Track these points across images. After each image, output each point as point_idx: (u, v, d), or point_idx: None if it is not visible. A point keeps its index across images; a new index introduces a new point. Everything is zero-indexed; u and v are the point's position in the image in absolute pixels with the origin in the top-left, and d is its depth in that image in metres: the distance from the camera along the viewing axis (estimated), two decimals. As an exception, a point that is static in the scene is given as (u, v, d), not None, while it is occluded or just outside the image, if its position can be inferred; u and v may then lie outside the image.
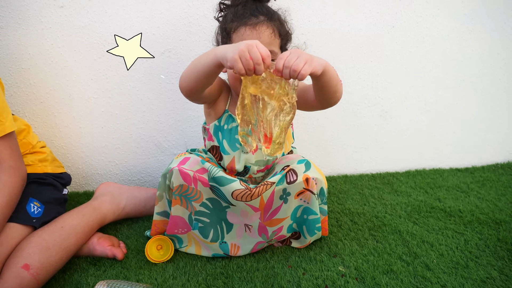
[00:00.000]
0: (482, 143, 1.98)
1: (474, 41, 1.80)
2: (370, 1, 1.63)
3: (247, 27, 1.08)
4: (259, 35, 1.07)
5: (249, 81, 0.93)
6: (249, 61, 0.86)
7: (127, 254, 1.18)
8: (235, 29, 1.10)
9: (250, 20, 1.08)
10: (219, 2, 1.19)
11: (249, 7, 1.11)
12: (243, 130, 0.97)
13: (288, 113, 0.95)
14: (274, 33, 1.11)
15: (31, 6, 1.39)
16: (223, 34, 1.15)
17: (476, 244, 1.22)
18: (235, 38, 1.10)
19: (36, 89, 1.47)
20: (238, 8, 1.12)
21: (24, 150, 1.24)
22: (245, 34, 1.08)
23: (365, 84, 1.73)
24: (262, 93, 0.94)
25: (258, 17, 1.09)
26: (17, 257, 1.00)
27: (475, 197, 1.59)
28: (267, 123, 0.95)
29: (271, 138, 0.96)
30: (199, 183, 1.09)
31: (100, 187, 1.39)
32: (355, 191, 1.65)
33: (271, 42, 1.10)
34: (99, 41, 1.45)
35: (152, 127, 1.59)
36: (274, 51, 1.11)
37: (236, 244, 1.16)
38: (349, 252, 1.18)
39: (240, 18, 1.10)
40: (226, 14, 1.16)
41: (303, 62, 0.88)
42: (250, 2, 1.13)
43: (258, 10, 1.11)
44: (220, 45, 1.18)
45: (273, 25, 1.10)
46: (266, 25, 1.09)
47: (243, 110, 0.95)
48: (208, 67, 0.96)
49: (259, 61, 0.86)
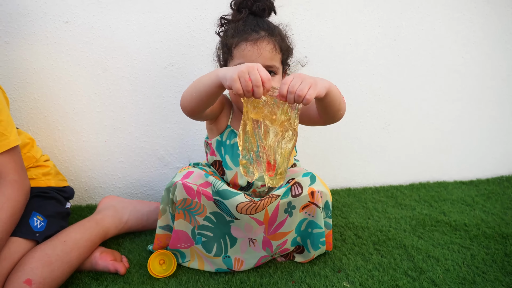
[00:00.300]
0: (486, 155, 1.97)
1: (477, 53, 1.80)
2: (371, 15, 1.64)
3: (248, 42, 1.08)
4: (260, 50, 1.08)
5: (250, 105, 0.91)
6: (247, 82, 0.85)
7: (130, 268, 1.17)
8: (236, 45, 1.10)
9: (251, 36, 1.09)
10: (220, 17, 1.20)
11: (250, 23, 1.11)
12: (245, 159, 0.95)
13: (290, 139, 0.93)
14: (275, 48, 1.11)
15: (37, 22, 1.40)
16: (224, 50, 1.15)
17: (483, 259, 1.21)
18: (236, 53, 1.10)
19: (40, 103, 1.47)
20: (239, 23, 1.12)
21: (28, 164, 1.24)
22: (246, 50, 1.08)
23: (368, 97, 1.74)
24: (264, 118, 0.92)
25: (259, 32, 1.10)
26: (19, 271, 0.99)
27: (481, 210, 1.57)
28: (270, 150, 0.93)
29: (275, 166, 0.94)
30: (202, 197, 1.08)
31: (103, 201, 1.39)
32: (359, 204, 1.64)
33: (272, 57, 1.10)
34: (103, 55, 1.47)
35: (155, 141, 1.59)
36: (275, 66, 1.11)
37: (240, 259, 1.15)
38: (354, 267, 1.17)
39: (241, 34, 1.10)
40: (227, 30, 1.16)
41: (308, 86, 0.87)
42: (250, 17, 1.13)
43: (259, 26, 1.11)
44: (221, 60, 1.19)
45: (274, 40, 1.11)
46: (267, 41, 1.09)
47: (245, 137, 0.93)
48: (209, 88, 0.96)
49: (258, 83, 0.85)
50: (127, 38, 1.47)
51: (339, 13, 1.61)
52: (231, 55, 1.12)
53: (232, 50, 1.11)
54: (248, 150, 0.94)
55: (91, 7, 1.42)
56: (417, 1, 1.67)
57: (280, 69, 1.14)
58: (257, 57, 1.07)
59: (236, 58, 1.10)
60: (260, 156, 0.93)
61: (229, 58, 1.13)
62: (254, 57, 1.07)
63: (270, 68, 1.10)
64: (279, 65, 1.14)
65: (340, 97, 1.02)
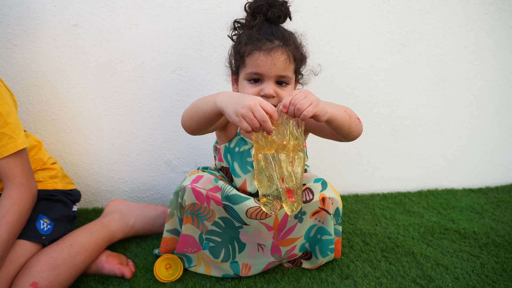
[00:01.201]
0: (496, 163, 1.95)
1: (487, 60, 1.79)
2: (380, 20, 1.64)
3: (262, 52, 1.05)
4: (274, 61, 1.04)
5: (262, 141, 0.90)
6: (253, 120, 0.85)
7: (136, 272, 1.16)
8: (249, 53, 1.07)
9: (265, 45, 1.05)
10: (234, 21, 1.15)
11: (264, 31, 1.08)
12: (265, 196, 0.93)
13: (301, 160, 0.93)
14: (289, 58, 1.07)
15: (46, 25, 1.41)
16: (236, 57, 1.12)
17: (492, 268, 1.19)
18: (248, 62, 1.07)
19: (48, 106, 1.48)
20: (253, 30, 1.08)
21: (35, 166, 1.24)
22: (259, 59, 1.05)
23: (376, 102, 1.72)
24: (277, 149, 0.91)
25: (273, 41, 1.06)
26: (25, 275, 0.99)
27: (490, 218, 1.55)
28: (287, 178, 0.92)
29: (295, 190, 0.92)
30: (212, 201, 1.07)
31: (110, 205, 1.39)
32: (367, 211, 1.63)
33: (286, 67, 1.07)
34: (111, 59, 1.47)
35: (162, 145, 1.59)
36: (288, 76, 1.08)
37: (248, 264, 1.14)
38: (362, 274, 1.16)
39: (254, 42, 1.06)
40: (240, 35, 1.13)
41: (308, 103, 0.88)
42: (265, 24, 1.10)
43: (273, 34, 1.07)
44: (232, 66, 1.16)
45: (288, 50, 1.07)
46: (281, 51, 1.06)
47: (260, 176, 0.93)
48: (208, 114, 0.96)
49: (264, 119, 0.85)
50: (136, 42, 1.47)
51: (349, 18, 1.60)
52: (244, 63, 1.09)
53: (244, 58, 1.08)
54: (267, 187, 0.93)
55: (100, 10, 1.42)
56: (427, 7, 1.66)
57: (292, 79, 1.11)
58: (270, 68, 1.04)
59: (248, 66, 1.07)
60: (279, 188, 0.92)
61: (241, 65, 1.10)
62: (267, 67, 1.04)
63: (283, 78, 1.07)
64: (292, 75, 1.10)
65: (350, 121, 1.00)
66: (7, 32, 1.39)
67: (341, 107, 0.99)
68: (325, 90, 1.63)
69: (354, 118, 1.03)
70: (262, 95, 1.05)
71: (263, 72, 1.04)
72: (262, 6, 1.09)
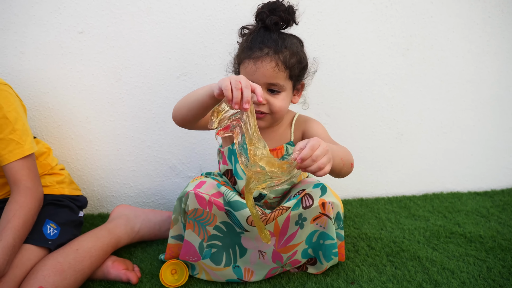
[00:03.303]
0: (501, 166, 1.94)
1: (491, 63, 1.79)
2: (384, 24, 1.64)
3: (251, 60, 1.06)
4: (261, 69, 1.05)
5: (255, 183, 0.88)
6: (237, 82, 0.86)
7: (141, 278, 1.17)
8: (241, 62, 1.10)
9: (254, 53, 1.06)
10: (241, 27, 1.17)
11: (255, 39, 1.08)
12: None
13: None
14: (278, 66, 1.06)
15: (51, 32, 1.42)
16: (234, 65, 1.15)
17: (499, 272, 1.18)
18: (241, 70, 1.10)
19: (54, 112, 1.49)
20: (250, 37, 1.10)
21: (43, 171, 1.26)
22: (248, 68, 1.07)
23: (380, 106, 1.72)
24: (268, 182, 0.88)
25: (263, 49, 1.06)
26: (31, 279, 1.00)
27: (496, 222, 1.55)
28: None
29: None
30: (214, 206, 1.08)
31: (115, 210, 1.39)
32: (372, 215, 1.62)
33: (275, 75, 1.06)
34: (116, 65, 1.48)
35: (167, 150, 1.59)
36: (279, 84, 1.08)
37: (250, 269, 1.14)
38: (367, 278, 1.15)
39: (246, 51, 1.08)
40: (241, 43, 1.15)
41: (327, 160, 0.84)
42: (261, 32, 1.10)
43: (263, 42, 1.07)
44: (233, 69, 1.20)
45: (277, 57, 1.06)
46: (269, 59, 1.05)
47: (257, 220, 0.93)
48: (201, 96, 0.97)
49: (247, 86, 0.86)
50: (141, 48, 1.48)
51: (352, 23, 1.61)
52: (238, 71, 1.12)
53: (239, 66, 1.11)
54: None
55: (106, 17, 1.44)
56: (430, 11, 1.66)
57: (286, 86, 1.10)
58: (258, 76, 1.05)
59: (241, 74, 1.10)
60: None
61: (237, 73, 1.13)
62: (256, 75, 1.05)
63: (273, 86, 1.08)
64: (284, 82, 1.09)
65: (342, 168, 0.99)
66: (14, 39, 1.41)
67: (339, 154, 0.97)
68: (329, 95, 1.64)
69: (348, 165, 1.02)
70: (253, 101, 1.05)
71: (253, 80, 1.03)
72: (263, 13, 1.10)
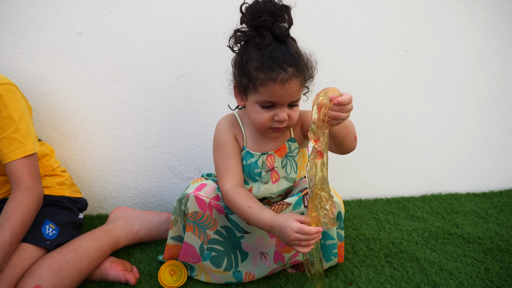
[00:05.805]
0: (500, 167, 1.94)
1: (489, 65, 1.79)
2: (383, 26, 1.64)
3: (277, 84, 0.99)
4: (288, 91, 1.00)
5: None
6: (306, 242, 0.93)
7: (140, 279, 1.17)
8: (263, 83, 1.00)
9: (279, 76, 0.98)
10: (235, 30, 1.07)
11: (276, 56, 0.99)
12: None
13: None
14: (302, 84, 1.04)
15: (51, 33, 1.42)
16: (244, 79, 1.04)
17: (497, 273, 1.18)
18: (262, 90, 1.01)
19: (53, 113, 1.49)
20: (263, 53, 1.00)
21: (44, 171, 1.26)
22: (274, 91, 1.00)
23: (379, 108, 1.73)
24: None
25: (287, 70, 0.99)
26: (29, 278, 1.00)
27: (494, 223, 1.55)
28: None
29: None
30: (214, 210, 1.08)
31: (114, 212, 1.40)
32: (370, 216, 1.62)
33: (298, 94, 1.04)
34: (115, 66, 1.48)
35: (166, 151, 1.59)
36: (299, 98, 1.06)
37: (251, 273, 1.14)
38: (366, 279, 1.15)
39: (267, 72, 0.99)
40: (248, 54, 1.03)
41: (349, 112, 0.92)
42: (275, 46, 1.00)
43: (286, 61, 0.99)
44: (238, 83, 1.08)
45: (301, 77, 1.02)
46: (295, 81, 1.00)
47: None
48: (261, 226, 1.01)
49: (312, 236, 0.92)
50: (140, 49, 1.48)
51: (351, 24, 1.61)
52: (255, 89, 1.02)
53: (257, 85, 1.01)
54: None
55: (104, 18, 1.44)
56: (429, 13, 1.67)
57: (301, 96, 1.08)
58: (285, 97, 1.01)
59: (261, 94, 1.01)
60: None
61: (251, 89, 1.03)
62: (282, 97, 1.01)
63: (295, 102, 1.05)
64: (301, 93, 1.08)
65: (345, 132, 1.01)
66: (13, 40, 1.41)
67: (345, 122, 0.97)
68: (328, 96, 1.64)
69: (351, 136, 1.02)
70: (276, 120, 1.03)
71: (278, 101, 1.02)
72: (267, 21, 0.99)
